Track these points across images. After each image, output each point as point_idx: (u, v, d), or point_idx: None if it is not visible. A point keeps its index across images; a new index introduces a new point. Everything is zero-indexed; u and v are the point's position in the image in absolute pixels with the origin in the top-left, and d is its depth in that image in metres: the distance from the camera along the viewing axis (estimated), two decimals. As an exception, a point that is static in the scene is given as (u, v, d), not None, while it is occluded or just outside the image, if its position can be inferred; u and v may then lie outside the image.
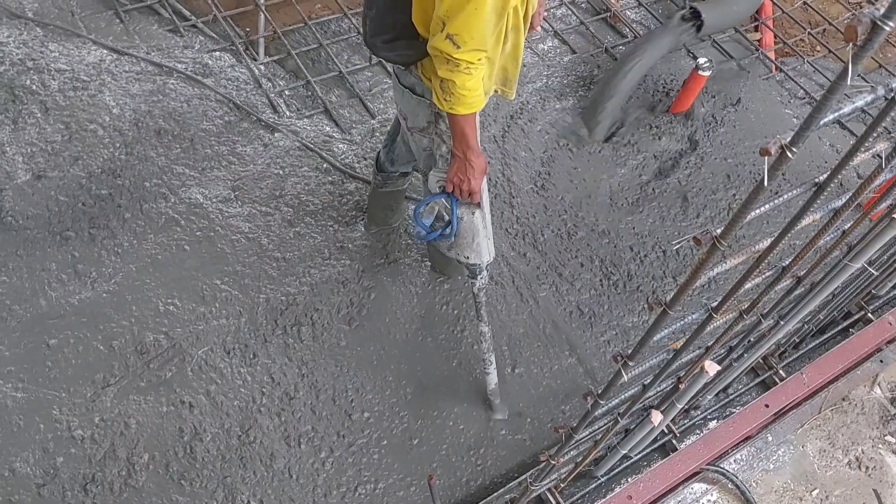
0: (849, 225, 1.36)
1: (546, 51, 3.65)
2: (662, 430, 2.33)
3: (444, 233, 2.10)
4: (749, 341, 1.86)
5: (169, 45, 3.31)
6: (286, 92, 3.28)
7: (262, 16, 3.43)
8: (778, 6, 4.05)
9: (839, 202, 1.19)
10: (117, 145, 2.93)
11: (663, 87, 3.49)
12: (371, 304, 2.68)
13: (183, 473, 2.26)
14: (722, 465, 2.34)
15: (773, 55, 3.83)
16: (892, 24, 0.73)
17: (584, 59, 3.62)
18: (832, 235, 1.33)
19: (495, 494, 2.30)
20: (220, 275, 2.66)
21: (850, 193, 1.14)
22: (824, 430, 2.54)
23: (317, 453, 2.36)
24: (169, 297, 2.59)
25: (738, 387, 2.58)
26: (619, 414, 1.71)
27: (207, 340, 2.51)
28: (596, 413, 1.55)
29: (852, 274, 1.53)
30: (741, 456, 2.41)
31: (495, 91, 2.07)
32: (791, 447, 2.48)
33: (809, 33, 3.94)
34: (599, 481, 2.33)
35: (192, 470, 2.27)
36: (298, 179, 2.97)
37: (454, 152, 1.93)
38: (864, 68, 3.82)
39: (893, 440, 2.54)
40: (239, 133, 3.07)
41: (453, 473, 2.40)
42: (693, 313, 1.37)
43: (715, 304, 1.31)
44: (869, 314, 2.73)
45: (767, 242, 1.16)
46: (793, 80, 3.69)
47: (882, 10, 0.72)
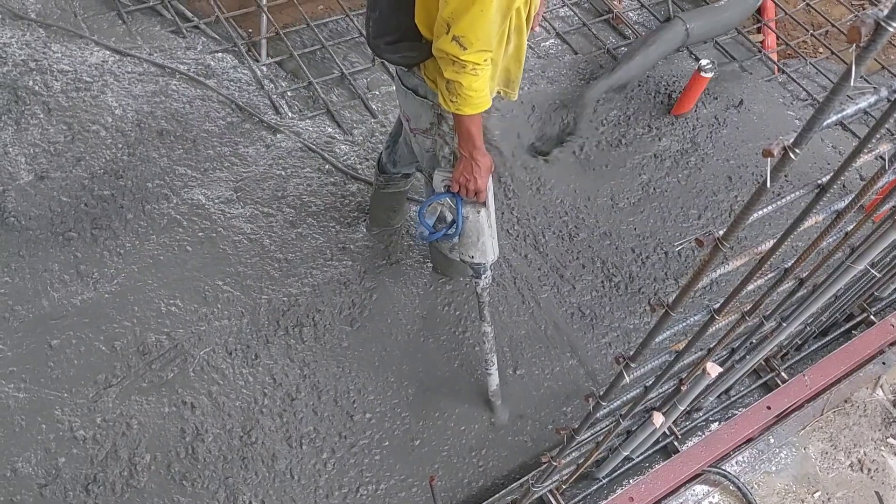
0: (851, 227, 1.36)
1: (547, 51, 3.65)
2: (664, 432, 2.33)
3: (448, 233, 2.10)
4: (751, 343, 1.85)
5: (171, 47, 3.31)
6: (288, 93, 3.29)
7: (265, 17, 3.44)
8: (780, 8, 4.05)
9: (842, 204, 1.18)
10: (120, 146, 2.93)
11: (665, 89, 3.49)
12: (373, 305, 2.68)
13: (185, 474, 2.26)
14: (724, 467, 2.34)
15: (775, 57, 3.83)
16: (895, 24, 0.73)
17: (585, 59, 3.62)
18: (835, 237, 1.33)
19: (497, 496, 2.30)
20: (222, 275, 2.67)
21: (853, 195, 1.13)
22: (826, 433, 2.53)
23: (318, 454, 2.36)
24: (171, 298, 2.59)
25: (740, 388, 2.58)
26: (620, 415, 1.70)
27: (209, 341, 2.51)
28: (598, 415, 1.54)
29: (855, 276, 1.53)
30: (743, 458, 2.40)
31: (498, 92, 2.06)
32: (793, 449, 2.47)
33: (812, 35, 3.93)
34: (601, 483, 2.33)
35: (194, 470, 2.27)
36: (300, 180, 2.97)
37: (460, 152, 1.93)
38: (867, 70, 3.81)
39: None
40: (241, 134, 3.07)
41: (455, 474, 2.39)
42: (695, 315, 1.37)
43: (717, 305, 1.31)
44: (871, 316, 2.72)
45: (770, 244, 1.16)
46: (795, 81, 3.69)
47: (886, 11, 0.72)
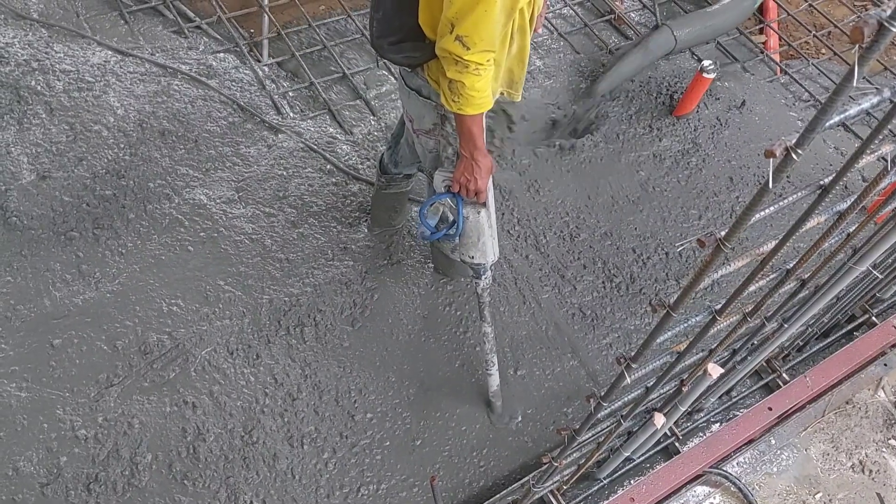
0: (854, 228, 1.36)
1: (548, 51, 3.65)
2: (665, 433, 2.33)
3: (449, 233, 2.10)
4: (753, 344, 1.85)
5: (173, 47, 3.32)
6: (290, 93, 3.29)
7: (266, 17, 3.44)
8: (783, 8, 4.04)
9: (844, 205, 1.18)
10: (121, 146, 2.93)
11: (667, 90, 3.49)
12: (374, 305, 2.68)
13: (186, 473, 2.26)
14: (725, 468, 2.34)
15: (777, 57, 3.83)
16: (898, 25, 0.72)
17: (587, 59, 3.62)
18: (837, 238, 1.33)
19: (498, 496, 2.30)
20: (224, 275, 2.67)
21: (856, 196, 1.13)
22: (828, 434, 2.53)
23: (319, 454, 2.36)
24: (172, 298, 2.59)
25: (742, 389, 2.58)
26: (622, 416, 1.70)
27: (211, 341, 2.51)
28: (599, 415, 1.54)
29: (857, 277, 1.53)
30: (744, 459, 2.40)
31: (501, 93, 2.06)
32: (794, 450, 2.47)
33: (814, 35, 3.93)
34: (602, 483, 2.33)
35: (195, 470, 2.27)
36: (302, 180, 2.97)
37: (461, 152, 1.93)
38: (870, 71, 3.81)
39: (897, 444, 2.53)
40: (243, 134, 3.07)
41: (456, 475, 2.39)
42: (696, 316, 1.37)
43: (718, 306, 1.30)
44: (873, 317, 2.72)
45: (772, 245, 1.16)
46: (797, 82, 3.69)
47: (889, 12, 0.72)
